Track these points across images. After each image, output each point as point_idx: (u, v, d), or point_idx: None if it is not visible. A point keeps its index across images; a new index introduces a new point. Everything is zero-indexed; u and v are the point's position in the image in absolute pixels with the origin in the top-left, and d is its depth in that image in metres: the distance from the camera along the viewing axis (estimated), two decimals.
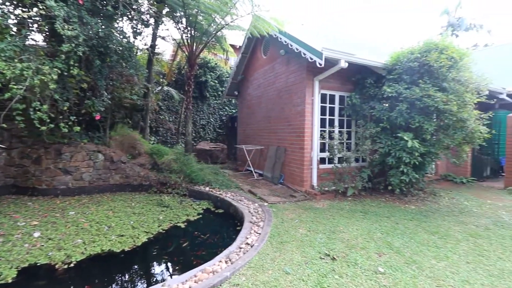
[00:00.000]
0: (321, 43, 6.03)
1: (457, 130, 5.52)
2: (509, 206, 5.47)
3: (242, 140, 10.02)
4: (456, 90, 5.42)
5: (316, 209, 4.89)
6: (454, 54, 5.42)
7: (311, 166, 6.10)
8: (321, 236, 3.67)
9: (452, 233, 3.93)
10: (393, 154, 5.48)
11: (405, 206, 5.27)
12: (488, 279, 2.71)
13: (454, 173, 8.15)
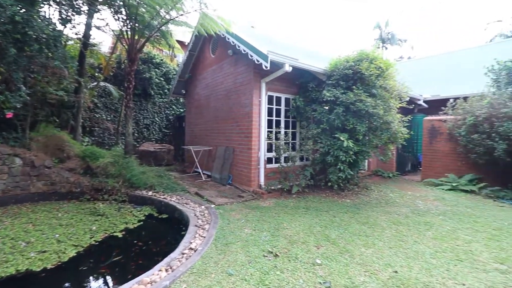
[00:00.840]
0: (268, 46, 6.21)
1: (383, 131, 6.27)
2: (424, 196, 6.44)
3: (190, 140, 9.70)
4: (383, 96, 6.15)
5: (263, 208, 5.01)
6: (382, 64, 6.14)
7: (259, 166, 6.23)
8: (266, 234, 3.77)
9: (379, 222, 4.44)
10: (332, 153, 5.94)
11: (342, 200, 5.77)
12: (406, 261, 3.13)
13: (383, 168, 9.25)
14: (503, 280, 2.73)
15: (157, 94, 11.85)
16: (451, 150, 7.78)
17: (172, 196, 5.75)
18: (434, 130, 8.20)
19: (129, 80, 7.44)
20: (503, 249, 3.48)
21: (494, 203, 5.90)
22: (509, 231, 4.16)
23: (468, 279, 2.76)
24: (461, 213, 5.05)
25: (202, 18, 6.95)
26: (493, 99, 6.57)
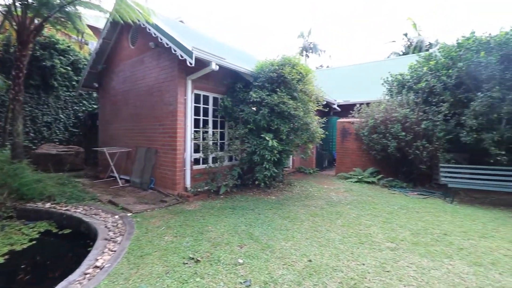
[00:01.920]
0: (195, 43, 5.95)
1: (303, 132, 6.81)
2: (337, 188, 7.28)
3: (104, 141, 8.54)
4: (303, 99, 6.66)
5: (187, 212, 4.77)
6: (302, 70, 6.64)
7: (184, 168, 5.92)
8: (188, 240, 3.57)
9: (299, 215, 4.78)
10: (258, 153, 6.12)
11: (268, 197, 6.01)
12: (319, 249, 3.42)
13: (305, 166, 10.11)
14: (393, 256, 3.27)
15: (62, 87, 10.01)
16: (357, 148, 9.06)
17: (77, 207, 4.90)
18: (345, 131, 9.40)
19: (18, 67, 6.04)
20: (393, 230, 4.19)
21: (388, 191, 7.11)
22: (398, 214, 5.05)
23: (367, 259, 3.19)
24: (364, 202, 5.90)
25: (118, 4, 6.19)
26: (387, 105, 7.93)
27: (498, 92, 5.80)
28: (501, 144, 6.00)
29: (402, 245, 3.59)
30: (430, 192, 6.94)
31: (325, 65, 33.86)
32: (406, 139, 7.16)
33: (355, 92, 12.44)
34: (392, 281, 2.70)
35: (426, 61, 7.77)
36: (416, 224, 4.45)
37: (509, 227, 4.40)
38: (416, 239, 3.81)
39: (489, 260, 3.19)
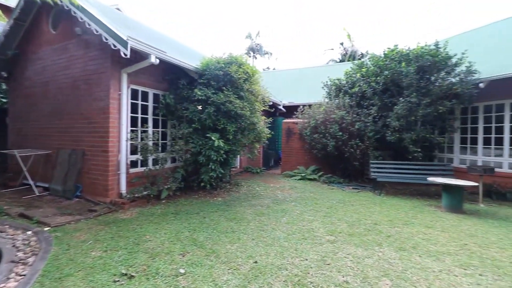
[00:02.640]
0: (132, 32, 5.37)
1: (250, 131, 6.81)
2: (283, 186, 7.50)
3: (16, 142, 7.12)
4: (249, 99, 6.65)
5: (122, 221, 4.26)
6: (249, 70, 6.62)
7: (119, 172, 5.30)
8: (121, 253, 3.16)
9: (246, 216, 4.72)
10: (203, 153, 5.87)
11: (214, 199, 5.81)
12: (265, 249, 3.40)
13: (252, 165, 10.18)
14: (332, 249, 3.45)
15: None
16: (301, 147, 9.52)
17: None
18: (290, 131, 9.79)
19: None
20: (333, 223, 4.45)
21: (328, 187, 7.63)
22: (336, 207, 5.42)
23: (310, 254, 3.30)
24: (307, 198, 6.18)
25: None
26: (327, 107, 8.52)
27: (415, 97, 6.75)
28: (417, 143, 7.00)
29: (340, 237, 3.83)
30: (363, 186, 7.69)
31: (271, 67, 35.05)
32: (343, 139, 7.80)
33: (299, 94, 13.09)
34: (332, 273, 2.83)
35: (359, 68, 8.59)
36: (351, 216, 4.84)
37: (425, 214, 5.13)
38: (352, 230, 4.12)
39: (411, 244, 3.62)
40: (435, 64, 6.91)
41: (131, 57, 4.83)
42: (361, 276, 2.79)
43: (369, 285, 2.62)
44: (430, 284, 2.64)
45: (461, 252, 3.40)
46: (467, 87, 6.64)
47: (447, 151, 8.07)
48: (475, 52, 7.59)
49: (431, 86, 6.83)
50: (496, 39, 8.50)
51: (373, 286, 2.60)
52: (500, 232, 4.14)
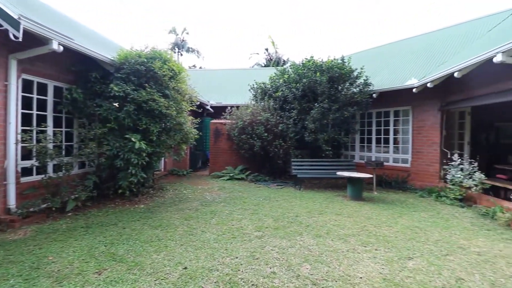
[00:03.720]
0: (28, 11, 4.35)
1: (176, 132, 6.50)
2: (211, 188, 7.43)
3: None
4: (175, 98, 6.34)
5: (11, 243, 3.42)
6: (175, 67, 6.30)
7: (5, 182, 4.23)
8: (14, 283, 2.54)
9: (173, 221, 4.49)
10: (122, 156, 5.28)
11: (134, 207, 5.30)
12: (195, 253, 3.31)
13: (178, 167, 9.73)
14: (260, 244, 3.63)
15: None
16: (229, 147, 9.65)
17: None
18: (218, 131, 9.79)
19: None
20: (260, 219, 4.69)
21: (255, 185, 7.98)
22: (263, 204, 5.73)
23: (240, 251, 3.39)
24: (235, 198, 6.32)
25: None
26: (253, 109, 8.90)
27: (327, 104, 7.78)
28: (329, 142, 8.08)
29: (267, 232, 4.08)
30: (286, 182, 8.37)
31: (198, 65, 34.20)
32: (268, 139, 8.31)
33: (227, 95, 13.24)
34: (261, 267, 2.99)
35: (281, 74, 9.31)
36: (276, 211, 5.21)
37: (335, 203, 5.95)
38: (277, 224, 4.44)
39: (325, 231, 4.16)
40: (342, 75, 8.14)
41: (27, 41, 3.93)
42: (286, 265, 3.04)
43: (292, 271, 2.89)
44: (340, 263, 3.10)
45: (362, 232, 4.12)
46: (365, 96, 8.08)
47: (350, 149, 9.60)
48: (370, 68, 9.28)
49: (338, 94, 8.01)
50: (385, 58, 10.58)
51: (296, 272, 2.88)
52: (388, 214, 5.19)
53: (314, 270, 2.94)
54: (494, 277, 2.83)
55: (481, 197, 5.75)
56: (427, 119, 7.60)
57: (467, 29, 8.88)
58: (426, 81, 6.62)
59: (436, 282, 2.72)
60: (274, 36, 42.93)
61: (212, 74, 17.02)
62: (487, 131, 8.89)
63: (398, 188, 7.62)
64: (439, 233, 4.15)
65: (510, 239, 3.94)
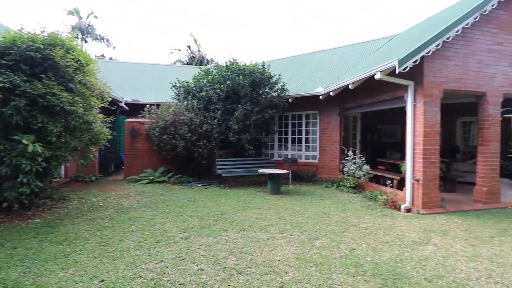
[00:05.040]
0: None
1: (84, 132, 5.69)
2: (128, 193, 6.81)
3: None
4: (82, 93, 5.55)
5: None
6: (81, 58, 5.50)
7: None
8: None
9: (82, 234, 3.96)
10: (8, 162, 4.29)
11: (27, 222, 4.39)
12: (112, 264, 3.04)
13: (84, 172, 8.47)
14: (186, 244, 3.62)
15: None
16: (148, 149, 9.01)
17: None
18: (135, 131, 9.00)
19: None
20: (185, 221, 4.63)
21: (178, 187, 7.73)
22: (187, 206, 5.64)
23: (164, 254, 3.31)
24: (157, 201, 6.01)
25: None
26: (176, 109, 8.58)
27: (250, 106, 8.25)
28: (251, 142, 8.59)
29: (193, 232, 4.09)
30: (210, 182, 8.43)
31: (107, 55, 30.24)
32: (192, 139, 8.18)
33: (146, 91, 12.26)
34: (188, 266, 3.01)
35: (206, 74, 9.31)
36: (202, 211, 5.24)
37: (257, 198, 6.39)
38: (203, 224, 4.49)
39: (248, 224, 4.46)
40: (263, 80, 8.77)
41: None
42: (212, 260, 3.16)
43: (219, 265, 3.03)
44: (262, 250, 3.43)
45: (280, 222, 4.61)
46: (282, 101, 8.95)
47: (270, 148, 10.43)
48: (287, 75, 10.30)
49: (260, 97, 8.61)
50: (299, 67, 11.91)
51: (222, 265, 3.04)
52: (301, 204, 5.93)
53: (239, 260, 3.16)
54: (375, 244, 3.68)
55: (367, 184, 7.24)
56: (330, 122, 9.02)
57: (361, 48, 10.97)
58: (329, 90, 7.86)
59: (336, 254, 3.35)
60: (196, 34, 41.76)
61: (128, 67, 15.31)
62: (372, 132, 11.16)
63: (309, 181, 8.75)
64: (338, 215, 5.05)
65: (386, 215, 5.14)
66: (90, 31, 28.52)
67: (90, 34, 28.52)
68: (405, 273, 2.90)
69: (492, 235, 4.02)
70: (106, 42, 29.44)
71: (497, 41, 5.86)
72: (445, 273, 2.91)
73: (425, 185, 5.32)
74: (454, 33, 5.27)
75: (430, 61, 5.38)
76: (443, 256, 3.32)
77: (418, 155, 5.43)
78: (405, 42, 7.10)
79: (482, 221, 4.69)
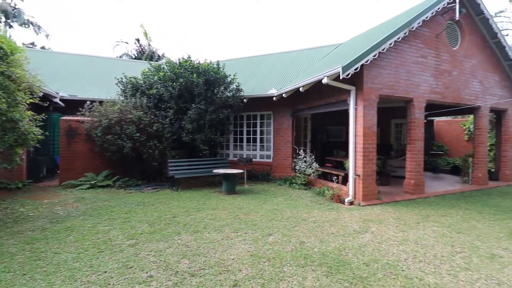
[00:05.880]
0: None
1: (7, 132, 4.88)
2: (64, 200, 6.08)
3: None
4: (5, 86, 4.76)
5: None
6: (5, 46, 4.74)
7: None
8: None
9: (5, 249, 3.41)
10: None
11: None
12: (46, 280, 2.70)
13: (8, 179, 7.28)
14: (134, 252, 3.39)
15: None
16: (89, 150, 8.16)
17: None
18: (73, 131, 8.07)
19: None
20: (133, 227, 4.33)
21: (125, 192, 7.18)
22: (136, 211, 5.28)
23: (109, 264, 3.05)
24: (100, 208, 5.50)
25: None
26: (122, 106, 7.94)
27: (204, 105, 8.08)
28: (206, 142, 8.42)
29: (141, 238, 3.85)
30: (162, 185, 8.03)
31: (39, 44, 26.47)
32: (141, 140, 7.67)
33: (86, 86, 11.06)
34: (136, 274, 2.83)
35: (156, 71, 8.80)
36: (152, 216, 4.96)
37: (212, 199, 6.31)
38: (153, 228, 4.26)
39: (202, 226, 4.38)
40: (217, 80, 8.68)
41: None
42: (163, 265, 3.02)
43: (171, 270, 2.92)
44: (216, 251, 3.40)
45: (235, 221, 4.63)
46: (237, 101, 8.98)
47: (225, 148, 10.39)
48: (242, 75, 10.37)
49: (214, 97, 8.51)
50: (253, 68, 12.08)
51: (174, 269, 2.93)
52: (255, 202, 6.04)
53: (193, 263, 3.08)
54: (322, 236, 3.95)
55: (317, 181, 7.73)
56: (284, 122, 9.38)
57: (311, 53, 11.65)
58: (281, 92, 8.17)
59: (287, 248, 3.51)
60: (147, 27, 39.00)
61: (65, 59, 13.54)
62: (321, 132, 11.94)
63: (263, 180, 8.97)
64: (290, 211, 5.29)
65: (332, 208, 5.56)
66: (17, 15, 24.53)
67: (17, 18, 24.53)
68: (347, 259, 3.19)
69: (418, 221, 4.67)
70: (37, 28, 25.67)
71: (422, 54, 6.82)
72: (380, 257, 3.29)
73: (364, 180, 5.90)
74: (388, 45, 5.97)
75: (369, 69, 5.99)
76: (378, 242, 3.74)
77: (359, 153, 6.01)
78: (349, 51, 7.77)
79: (410, 210, 5.42)
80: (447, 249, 3.54)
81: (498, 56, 8.32)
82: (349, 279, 2.76)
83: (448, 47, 7.31)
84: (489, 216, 5.02)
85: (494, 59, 8.30)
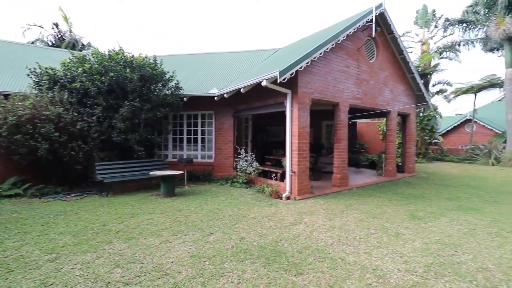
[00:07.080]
0: None
1: None
2: None
3: None
4: None
5: None
6: None
7: None
8: None
9: None
10: None
11: None
12: None
13: None
14: (55, 267, 2.97)
15: None
16: None
17: None
18: None
19: None
20: (52, 240, 3.78)
21: (40, 201, 6.18)
22: (55, 222, 4.61)
23: (23, 284, 2.64)
24: (7, 221, 4.62)
25: None
26: (36, 101, 6.77)
27: (139, 103, 7.51)
28: (141, 143, 7.85)
29: (64, 252, 3.40)
30: (87, 191, 7.17)
31: None
32: (61, 140, 6.69)
33: None
34: None
35: (80, 62, 7.76)
36: (76, 226, 4.41)
37: (148, 203, 5.93)
38: (78, 240, 3.80)
39: (137, 232, 4.10)
40: (154, 76, 8.17)
41: None
42: (92, 278, 2.74)
43: (101, 281, 2.67)
44: (153, 256, 3.25)
45: (174, 224, 4.48)
46: (176, 99, 8.62)
47: (164, 149, 9.86)
48: (182, 73, 9.99)
49: (151, 94, 7.99)
50: (194, 66, 11.75)
51: (105, 280, 2.69)
52: (196, 203, 5.94)
53: (127, 271, 2.88)
54: (261, 230, 4.16)
55: (257, 179, 8.03)
56: (225, 122, 9.43)
57: (252, 56, 11.98)
58: (223, 92, 8.21)
59: (228, 245, 3.59)
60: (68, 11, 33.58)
61: None
62: (262, 132, 12.42)
63: (205, 181, 8.85)
64: (231, 210, 5.38)
65: (271, 204, 5.87)
66: None
67: None
68: (283, 249, 3.45)
69: (342, 210, 5.33)
70: None
71: (346, 64, 7.76)
72: (311, 244, 3.66)
73: (299, 176, 6.42)
74: (319, 54, 6.61)
75: (303, 75, 6.54)
76: (310, 231, 4.14)
77: (295, 151, 6.50)
78: (286, 57, 8.31)
79: (337, 200, 6.13)
80: (364, 231, 4.15)
81: (403, 69, 10.06)
82: (284, 267, 2.99)
83: (366, 59, 8.51)
84: (396, 202, 6.06)
85: (401, 72, 10.01)
